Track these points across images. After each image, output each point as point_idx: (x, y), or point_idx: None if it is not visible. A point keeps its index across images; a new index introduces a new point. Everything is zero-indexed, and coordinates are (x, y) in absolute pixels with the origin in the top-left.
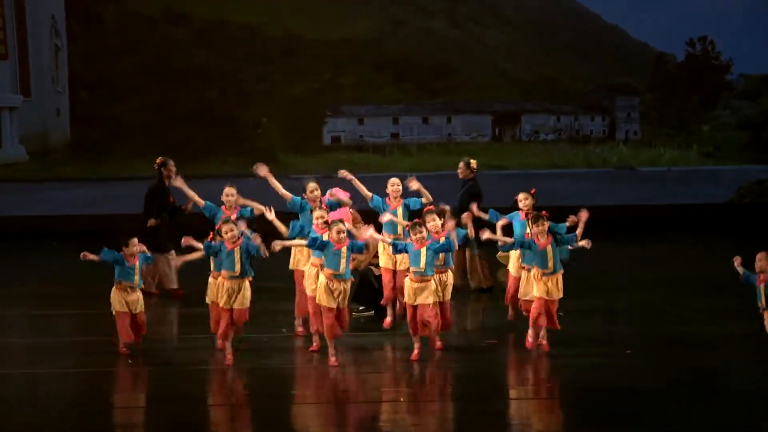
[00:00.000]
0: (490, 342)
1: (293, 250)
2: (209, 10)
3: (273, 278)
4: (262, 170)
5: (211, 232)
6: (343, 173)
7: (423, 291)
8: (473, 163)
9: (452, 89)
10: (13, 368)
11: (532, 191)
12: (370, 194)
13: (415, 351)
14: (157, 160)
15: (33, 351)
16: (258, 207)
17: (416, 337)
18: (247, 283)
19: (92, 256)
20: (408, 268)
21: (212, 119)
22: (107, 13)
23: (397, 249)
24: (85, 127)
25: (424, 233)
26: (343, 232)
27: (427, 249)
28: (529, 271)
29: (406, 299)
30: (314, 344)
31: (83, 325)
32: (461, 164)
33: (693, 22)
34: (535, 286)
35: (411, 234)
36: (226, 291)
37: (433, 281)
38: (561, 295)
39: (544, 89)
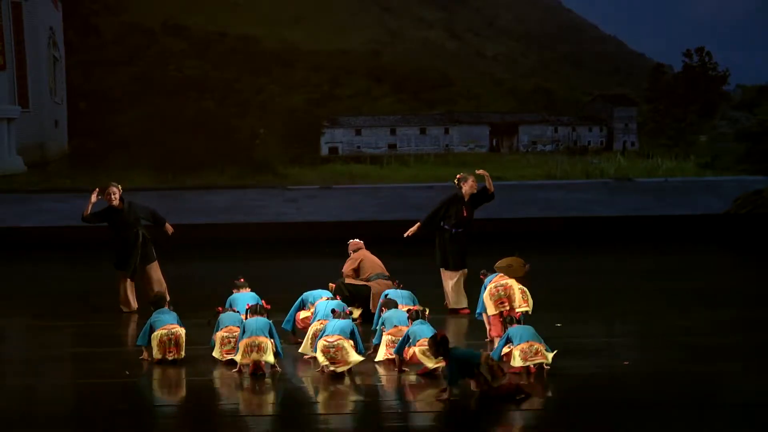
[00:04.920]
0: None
1: None
2: (207, 21)
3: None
4: None
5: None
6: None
7: None
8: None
9: (450, 100)
10: (12, 380)
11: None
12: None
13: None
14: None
15: (31, 363)
16: None
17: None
18: None
19: None
20: None
21: (210, 130)
22: (105, 24)
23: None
24: (84, 138)
25: None
26: None
27: None
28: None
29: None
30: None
31: (82, 336)
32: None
33: (690, 33)
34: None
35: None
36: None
37: None
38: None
39: (542, 100)
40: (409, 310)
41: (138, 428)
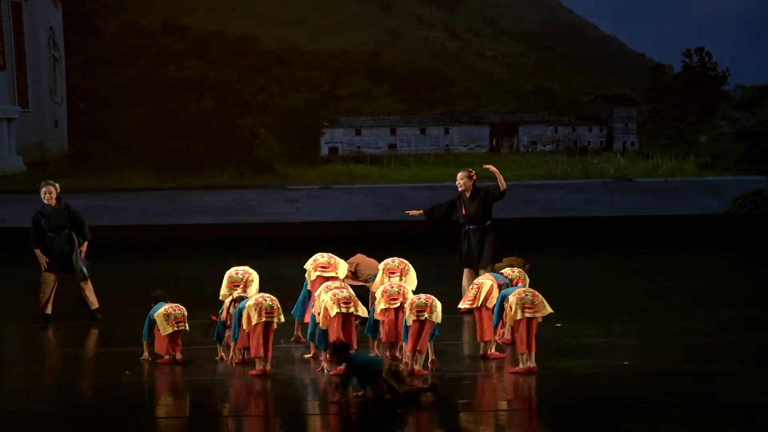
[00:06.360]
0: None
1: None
2: (207, 21)
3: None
4: None
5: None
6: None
7: None
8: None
9: (450, 100)
10: (12, 380)
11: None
12: None
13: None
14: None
15: (31, 363)
16: None
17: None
18: None
19: None
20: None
21: (210, 130)
22: (105, 24)
23: None
24: (84, 138)
25: None
26: None
27: None
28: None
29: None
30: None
31: (82, 337)
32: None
33: (690, 33)
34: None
35: None
36: None
37: None
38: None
39: (542, 100)
40: None
41: (138, 429)
